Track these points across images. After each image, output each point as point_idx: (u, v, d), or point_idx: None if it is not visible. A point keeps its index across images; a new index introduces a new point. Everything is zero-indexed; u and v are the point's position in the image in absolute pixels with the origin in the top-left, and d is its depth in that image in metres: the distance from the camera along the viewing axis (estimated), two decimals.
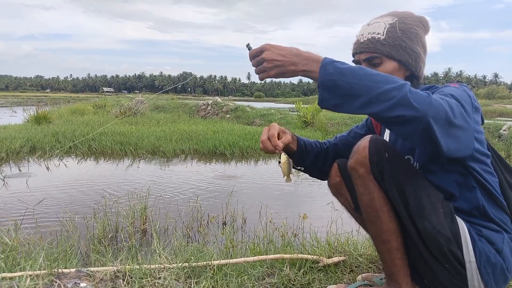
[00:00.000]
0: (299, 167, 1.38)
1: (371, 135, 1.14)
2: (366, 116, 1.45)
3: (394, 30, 1.11)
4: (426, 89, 1.16)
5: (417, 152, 1.12)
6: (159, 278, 1.33)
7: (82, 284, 1.21)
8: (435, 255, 1.05)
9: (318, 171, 1.41)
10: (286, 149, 1.29)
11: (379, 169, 1.07)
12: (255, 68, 1.01)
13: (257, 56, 1.00)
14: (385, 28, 1.12)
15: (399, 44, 1.11)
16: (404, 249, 1.14)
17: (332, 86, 0.91)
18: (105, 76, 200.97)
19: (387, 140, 1.28)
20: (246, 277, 1.44)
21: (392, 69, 1.13)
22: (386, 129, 1.31)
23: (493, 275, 1.03)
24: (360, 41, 1.16)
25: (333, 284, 1.46)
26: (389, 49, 1.11)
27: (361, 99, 0.89)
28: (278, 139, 1.22)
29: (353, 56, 1.19)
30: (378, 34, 1.12)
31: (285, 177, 1.24)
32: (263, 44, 0.99)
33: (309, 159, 1.37)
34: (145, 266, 1.37)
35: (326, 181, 1.42)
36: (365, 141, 1.11)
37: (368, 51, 1.13)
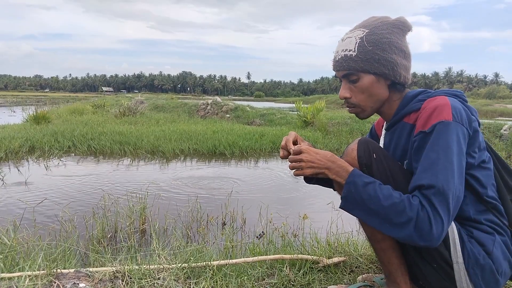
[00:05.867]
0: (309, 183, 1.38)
1: (360, 138, 1.16)
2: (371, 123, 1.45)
3: (364, 45, 1.11)
4: (417, 94, 1.16)
5: (406, 162, 1.12)
6: (159, 278, 1.33)
7: (81, 285, 1.21)
8: (423, 256, 1.06)
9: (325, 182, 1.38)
10: None
11: (368, 170, 1.08)
12: (291, 163, 1.12)
13: (295, 155, 1.11)
14: (356, 44, 1.12)
15: (371, 57, 1.11)
16: (400, 248, 1.14)
17: (352, 201, 1.05)
18: (105, 75, 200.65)
19: (381, 145, 1.29)
20: (245, 277, 1.44)
21: (370, 82, 1.13)
22: (381, 135, 1.31)
23: (482, 277, 1.03)
24: (336, 59, 1.18)
25: (333, 284, 1.46)
26: (362, 65, 1.11)
27: (372, 220, 1.03)
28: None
29: (334, 71, 1.20)
30: (349, 51, 1.13)
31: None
32: (301, 147, 1.11)
33: None
34: (144, 266, 1.37)
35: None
36: (354, 143, 1.14)
37: (343, 69, 1.15)
